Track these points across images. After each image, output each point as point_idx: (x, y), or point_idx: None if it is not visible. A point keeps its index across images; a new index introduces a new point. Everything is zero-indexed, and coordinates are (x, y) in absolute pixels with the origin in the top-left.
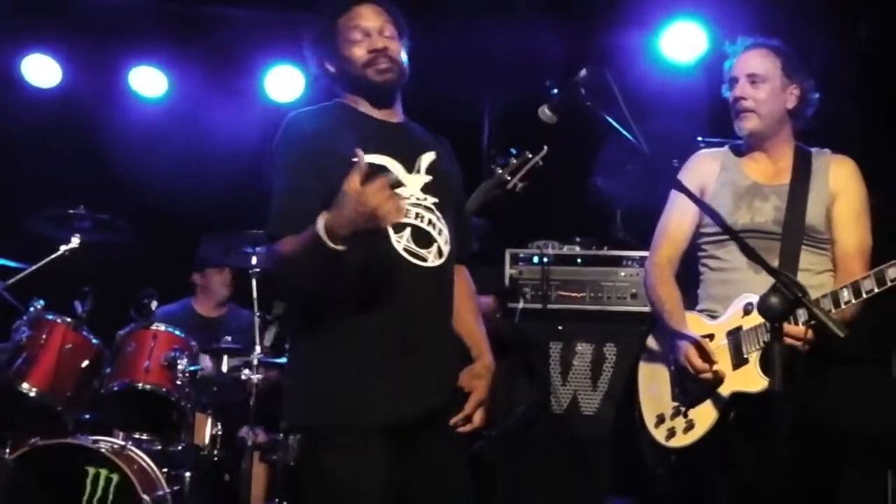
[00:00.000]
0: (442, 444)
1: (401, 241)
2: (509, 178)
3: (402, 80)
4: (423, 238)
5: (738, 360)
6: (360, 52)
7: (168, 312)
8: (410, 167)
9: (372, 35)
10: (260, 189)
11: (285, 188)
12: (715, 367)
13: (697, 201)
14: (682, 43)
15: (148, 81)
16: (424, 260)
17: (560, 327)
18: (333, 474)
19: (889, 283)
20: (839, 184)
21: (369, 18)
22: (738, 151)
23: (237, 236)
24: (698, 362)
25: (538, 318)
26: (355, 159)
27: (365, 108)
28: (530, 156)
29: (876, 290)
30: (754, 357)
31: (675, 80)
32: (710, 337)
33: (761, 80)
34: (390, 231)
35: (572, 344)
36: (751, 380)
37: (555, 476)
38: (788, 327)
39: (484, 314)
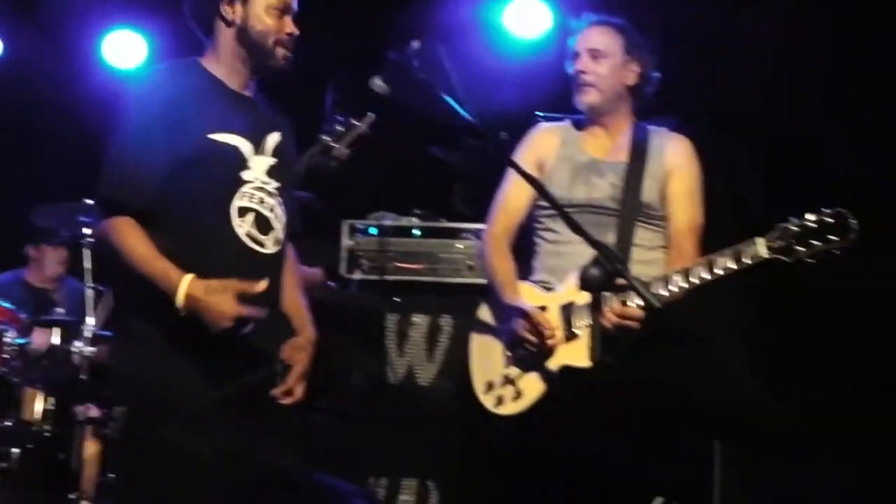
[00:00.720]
0: (269, 413)
1: (243, 226)
2: (334, 145)
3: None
4: (263, 224)
5: (569, 334)
6: (276, 26)
7: None
8: (258, 147)
9: (290, 15)
10: (96, 156)
11: (129, 148)
12: (546, 339)
13: (524, 174)
14: (526, 19)
15: None
16: (263, 246)
17: (397, 299)
18: (163, 444)
19: (721, 272)
20: (674, 162)
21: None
22: (578, 126)
23: (71, 206)
24: (530, 333)
25: (375, 289)
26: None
27: (222, 73)
28: (356, 123)
29: (708, 278)
30: (585, 332)
31: (519, 56)
32: (544, 309)
33: (602, 56)
34: (233, 215)
35: (409, 315)
36: (579, 354)
37: (391, 446)
38: (616, 307)
39: (311, 286)
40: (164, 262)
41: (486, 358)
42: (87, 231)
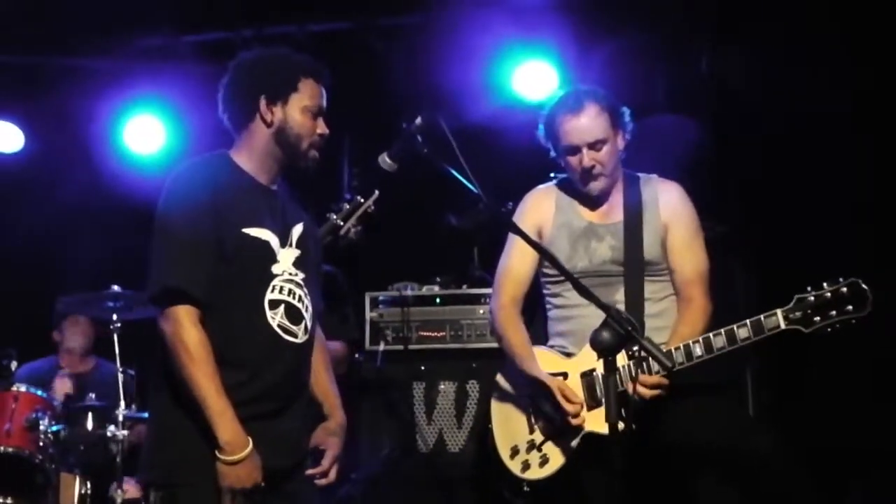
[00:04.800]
0: (298, 493)
1: (275, 318)
2: (342, 223)
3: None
4: (294, 315)
5: (593, 401)
6: (311, 127)
7: (34, 370)
8: (285, 241)
9: (321, 118)
10: (121, 245)
11: (184, 242)
12: (571, 411)
13: (535, 245)
14: (535, 82)
15: (3, 137)
16: (295, 336)
17: (422, 367)
18: None
19: (739, 342)
20: (669, 213)
21: (324, 102)
22: (570, 187)
23: (95, 294)
24: (554, 404)
25: (400, 359)
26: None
27: (253, 168)
28: (362, 200)
29: (727, 348)
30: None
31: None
32: (564, 375)
33: (601, 143)
34: (266, 307)
35: (435, 383)
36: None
37: None
38: (649, 379)
39: (335, 361)
40: (225, 406)
41: (509, 424)
42: (114, 316)
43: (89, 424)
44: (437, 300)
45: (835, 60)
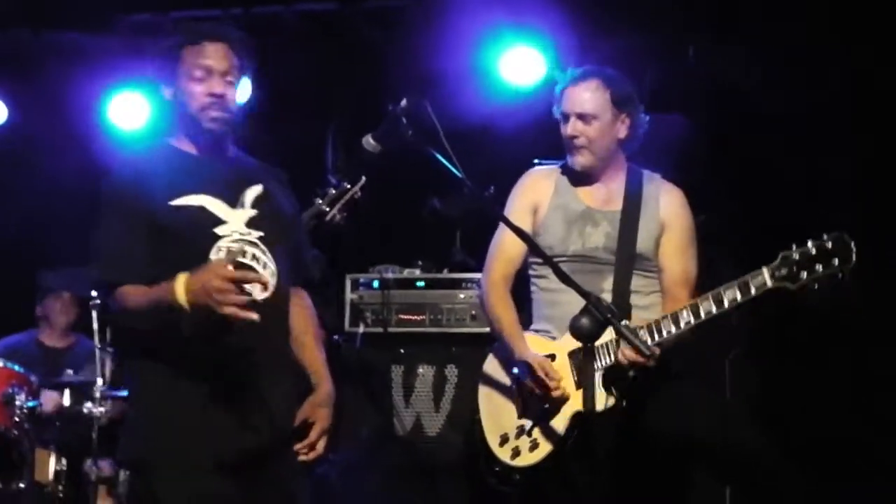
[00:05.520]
0: (280, 474)
1: None
2: (327, 209)
3: (233, 126)
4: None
5: (580, 381)
6: (198, 91)
7: (12, 344)
8: (234, 202)
9: (214, 76)
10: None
11: (114, 232)
12: (560, 387)
13: (514, 228)
14: (522, 68)
15: None
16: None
17: (401, 350)
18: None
19: (727, 305)
20: (668, 215)
21: (216, 59)
22: (572, 171)
23: (75, 270)
24: (543, 382)
25: (379, 341)
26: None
27: (188, 147)
28: (348, 186)
29: (714, 312)
30: (597, 377)
31: (515, 104)
32: (552, 357)
33: (592, 118)
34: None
35: (414, 367)
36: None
37: (398, 499)
38: (628, 353)
39: None
40: (158, 286)
41: (498, 410)
42: (94, 292)
43: (66, 400)
44: (418, 284)
45: (822, 54)
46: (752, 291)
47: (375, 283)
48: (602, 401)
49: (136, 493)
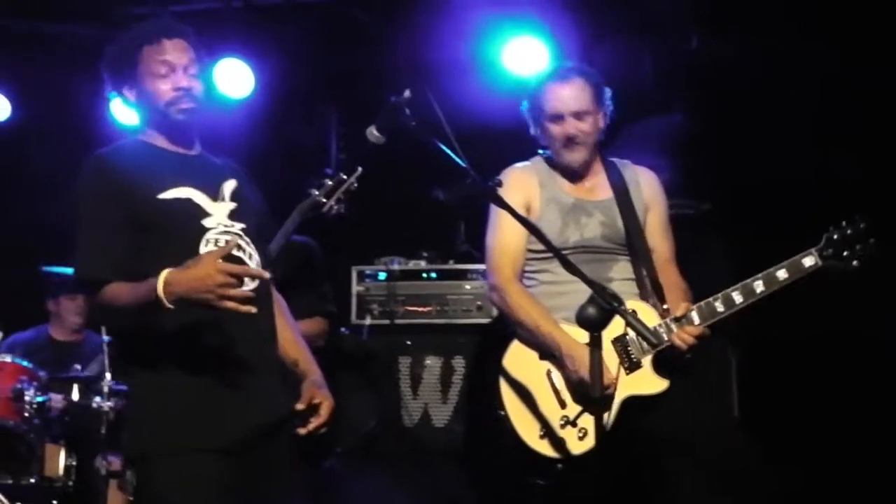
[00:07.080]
0: (276, 462)
1: None
2: (324, 200)
3: (202, 117)
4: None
5: (631, 365)
6: (164, 88)
7: (22, 339)
8: (215, 195)
9: (177, 71)
10: None
11: (95, 230)
12: (611, 376)
13: (523, 220)
14: (525, 57)
15: None
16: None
17: (408, 342)
18: (168, 499)
19: (779, 284)
20: (650, 196)
21: (177, 54)
22: (550, 164)
23: None
24: (588, 371)
25: (386, 333)
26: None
27: (162, 142)
28: (345, 177)
29: (767, 292)
30: (647, 360)
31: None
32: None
33: (585, 114)
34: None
35: (421, 358)
36: (647, 382)
37: (406, 489)
38: (692, 329)
39: (313, 335)
40: (145, 282)
41: (531, 404)
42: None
43: (75, 395)
44: (424, 275)
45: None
46: (802, 271)
47: (381, 275)
48: (657, 384)
49: (137, 488)
